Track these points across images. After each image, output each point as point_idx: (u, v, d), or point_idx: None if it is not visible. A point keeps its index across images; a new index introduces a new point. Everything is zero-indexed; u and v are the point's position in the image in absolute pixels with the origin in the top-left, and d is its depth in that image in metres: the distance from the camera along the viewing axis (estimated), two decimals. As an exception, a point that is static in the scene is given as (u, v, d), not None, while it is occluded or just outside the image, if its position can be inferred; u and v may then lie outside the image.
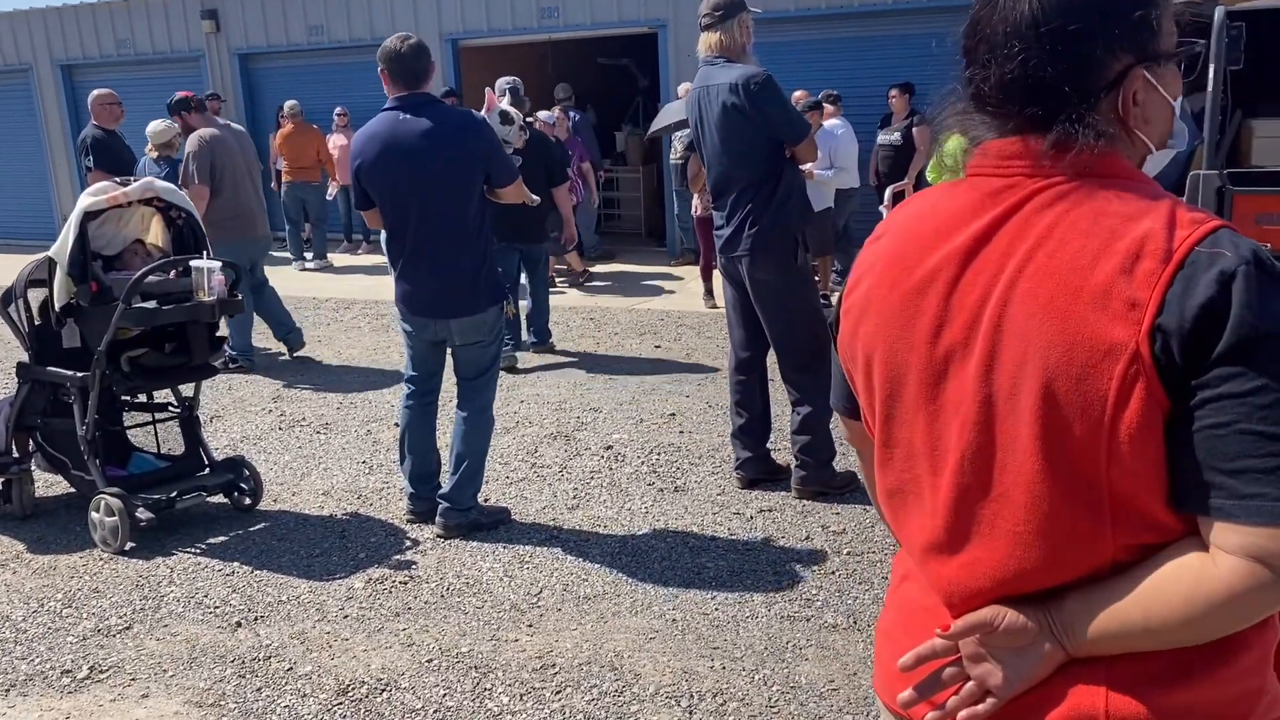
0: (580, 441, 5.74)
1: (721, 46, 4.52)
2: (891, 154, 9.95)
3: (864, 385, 1.30)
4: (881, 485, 1.31)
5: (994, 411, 1.13)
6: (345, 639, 3.67)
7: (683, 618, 3.72)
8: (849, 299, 1.30)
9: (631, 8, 12.40)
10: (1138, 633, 1.09)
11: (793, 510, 4.64)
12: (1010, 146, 1.17)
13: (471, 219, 4.22)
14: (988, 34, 1.18)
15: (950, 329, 1.16)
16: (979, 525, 1.16)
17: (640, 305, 9.71)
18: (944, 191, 1.24)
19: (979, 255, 1.15)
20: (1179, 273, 1.03)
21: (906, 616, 1.31)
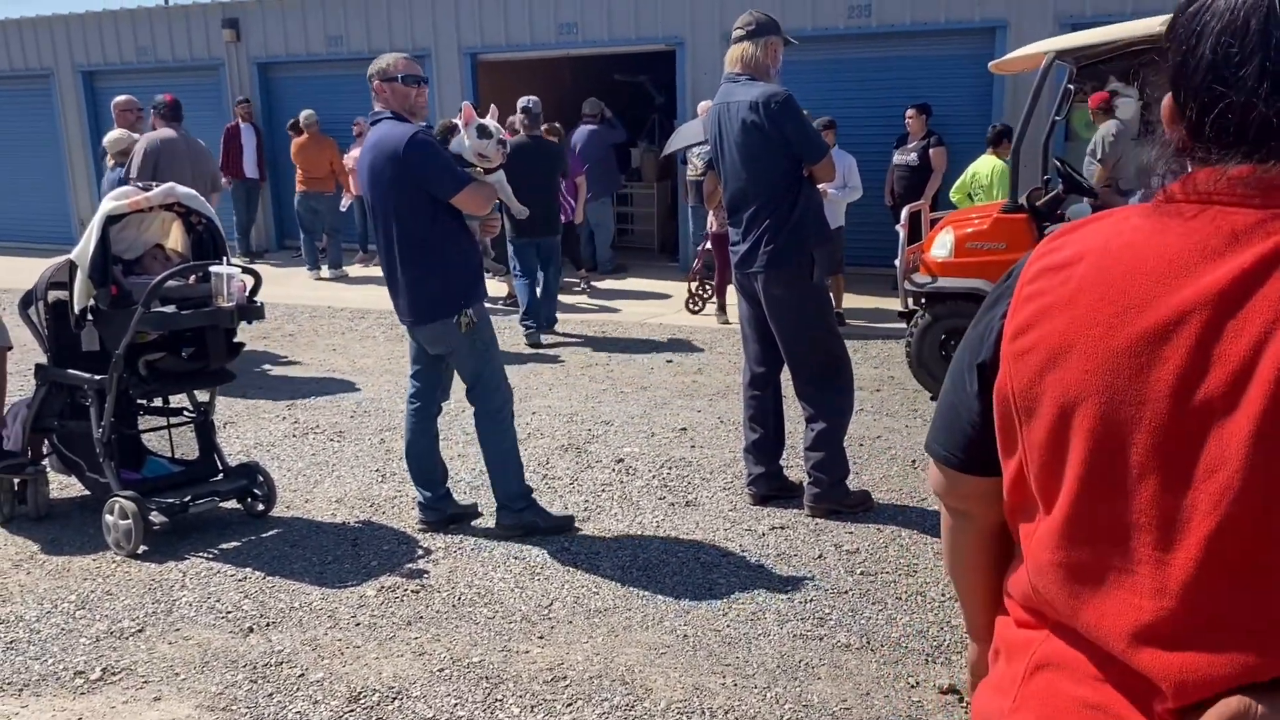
0: (592, 454, 5.74)
1: (745, 62, 4.55)
2: (908, 174, 9.96)
3: (1046, 441, 1.11)
4: (1058, 557, 1.13)
5: (1273, 476, 0.96)
6: (357, 646, 3.67)
7: (694, 633, 3.71)
8: (1029, 336, 1.12)
9: (650, 25, 12.46)
10: None
11: (805, 528, 4.63)
12: (1272, 176, 1.01)
13: (420, 232, 4.24)
14: (1253, 50, 1.01)
15: (1208, 380, 1.00)
16: (1228, 607, 1.00)
17: (653, 319, 9.72)
18: (1154, 218, 1.08)
19: (1247, 298, 0.99)
20: None
21: (1063, 714, 1.13)
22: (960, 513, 1.35)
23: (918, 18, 10.99)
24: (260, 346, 8.79)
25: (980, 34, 10.79)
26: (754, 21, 4.54)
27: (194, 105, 15.58)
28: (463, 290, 4.35)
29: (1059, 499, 1.11)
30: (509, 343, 8.64)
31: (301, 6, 14.50)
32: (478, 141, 4.48)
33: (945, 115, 10.42)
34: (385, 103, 4.35)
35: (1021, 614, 1.23)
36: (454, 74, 13.68)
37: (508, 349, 8.36)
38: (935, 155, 9.85)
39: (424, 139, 4.23)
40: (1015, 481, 1.19)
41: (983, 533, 1.34)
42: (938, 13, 10.90)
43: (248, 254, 13.72)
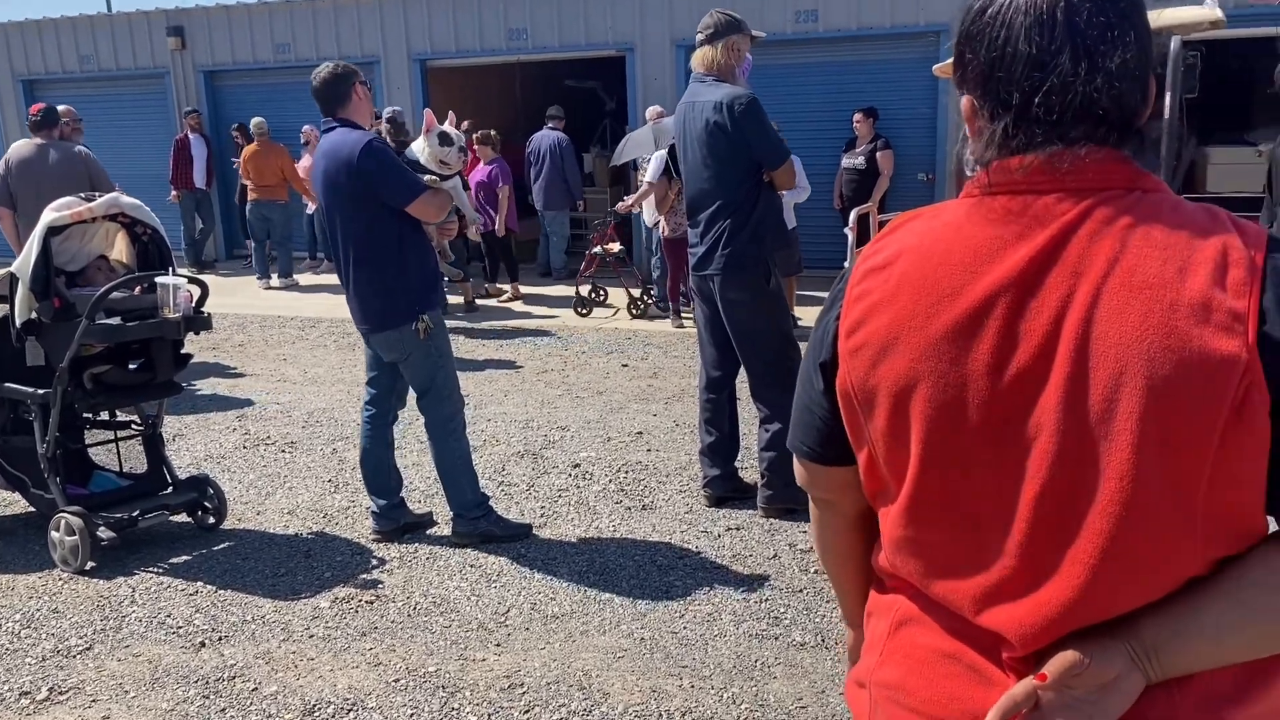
0: (548, 460, 5.73)
1: (709, 64, 4.57)
2: (856, 178, 10.07)
3: (888, 428, 1.18)
4: (907, 533, 1.21)
5: (1083, 438, 1.06)
6: (311, 659, 3.64)
7: (651, 636, 3.72)
8: (860, 334, 1.19)
9: (600, 31, 12.48)
10: (1236, 647, 1.08)
11: (760, 529, 4.65)
12: (1053, 162, 1.11)
13: (376, 239, 4.23)
14: (1015, 42, 1.11)
15: (1019, 355, 1.09)
16: (1058, 560, 1.09)
17: (607, 324, 9.73)
18: (959, 211, 1.17)
19: (1044, 276, 1.08)
20: (1266, 281, 1.03)
21: (921, 664, 1.23)
22: (825, 503, 1.42)
23: (863, 22, 11.12)
24: (210, 358, 8.68)
25: (924, 38, 10.93)
26: (713, 24, 4.55)
27: (139, 114, 15.42)
28: (419, 296, 4.33)
29: (905, 480, 1.19)
30: (463, 350, 8.61)
31: (248, 14, 14.34)
32: (439, 149, 4.47)
33: (892, 119, 10.55)
34: (355, 109, 4.32)
35: (886, 579, 1.32)
36: (403, 81, 13.60)
37: (461, 356, 8.33)
38: (883, 158, 9.97)
39: (379, 146, 4.22)
40: (869, 469, 1.26)
41: (847, 520, 1.40)
42: (883, 17, 11.03)
43: (196, 264, 13.54)
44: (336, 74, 4.30)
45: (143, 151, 14.90)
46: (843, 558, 1.46)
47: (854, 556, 1.44)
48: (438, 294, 4.46)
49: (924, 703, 1.22)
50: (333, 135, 4.27)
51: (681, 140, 4.72)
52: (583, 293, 10.20)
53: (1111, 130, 1.11)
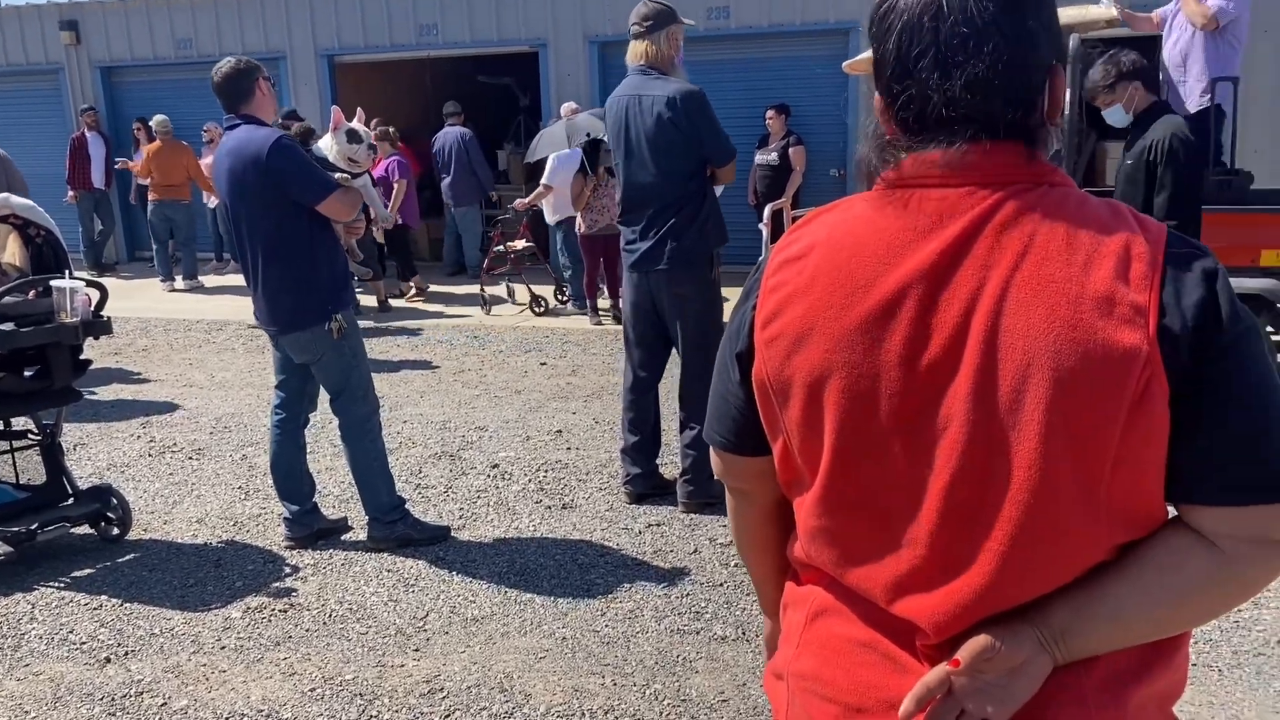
0: (466, 461, 5.67)
1: (650, 57, 4.52)
2: (770, 174, 10.17)
3: (802, 418, 1.19)
4: (822, 523, 1.22)
5: (992, 428, 1.08)
6: (223, 671, 3.54)
7: (573, 635, 3.70)
8: (775, 325, 1.20)
9: (512, 27, 12.39)
10: (1139, 629, 1.11)
11: (681, 524, 4.66)
12: (961, 156, 1.12)
13: (284, 238, 4.13)
14: (914, 41, 1.13)
15: (930, 347, 1.10)
16: (968, 549, 1.11)
17: (525, 323, 9.67)
18: (873, 204, 1.18)
19: (955, 268, 1.10)
20: (1166, 274, 1.06)
21: (837, 654, 1.24)
22: (741, 492, 1.42)
23: (775, 20, 11.23)
24: (112, 363, 8.39)
25: (835, 35, 11.08)
26: (651, 15, 4.48)
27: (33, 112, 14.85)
28: (330, 296, 4.24)
29: (819, 469, 1.20)
30: (377, 350, 8.47)
31: (146, 7, 13.90)
32: (347, 146, 4.38)
33: (804, 115, 10.67)
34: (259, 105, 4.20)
35: (802, 570, 1.33)
36: (310, 77, 13.34)
37: (375, 357, 8.19)
38: (795, 155, 10.09)
39: (288, 144, 4.12)
40: (783, 458, 1.27)
41: (763, 511, 1.41)
42: (794, 14, 11.15)
43: (96, 266, 13.08)
44: (239, 69, 4.18)
45: (38, 151, 14.32)
46: (759, 548, 1.47)
47: (770, 547, 1.45)
48: (349, 293, 4.37)
49: (841, 692, 1.23)
50: (237, 132, 4.15)
51: (622, 134, 4.60)
52: (488, 291, 10.13)
53: (1006, 128, 1.12)
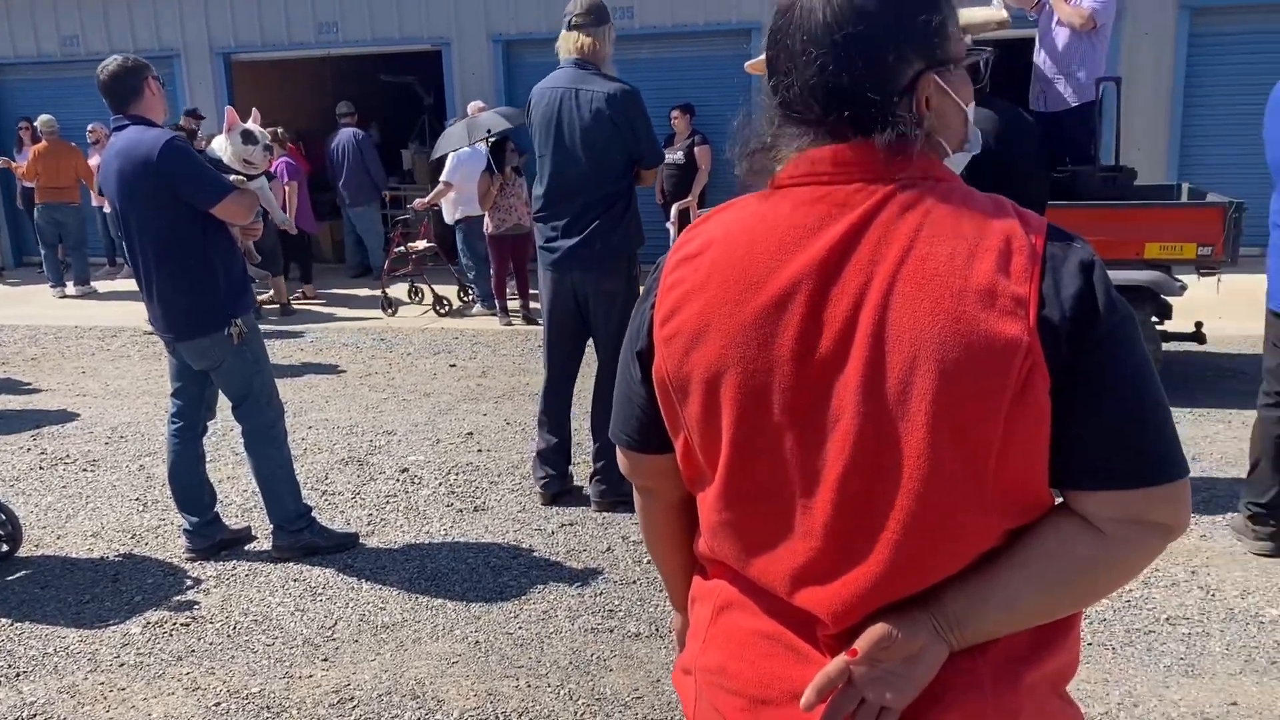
0: (374, 466, 5.58)
1: (588, 51, 4.47)
2: (676, 173, 10.22)
3: (701, 414, 1.21)
4: (724, 517, 1.24)
5: (882, 420, 1.10)
6: (122, 689, 3.42)
7: (486, 639, 3.67)
8: (673, 322, 1.21)
9: (414, 25, 12.23)
10: (1030, 612, 1.14)
11: (593, 523, 4.66)
12: (848, 153, 1.16)
13: (178, 242, 4.01)
14: (787, 44, 1.19)
15: (821, 342, 1.12)
16: (863, 539, 1.14)
17: (434, 324, 9.56)
18: (766, 203, 1.21)
19: (843, 264, 1.12)
20: (1045, 266, 1.09)
21: (742, 647, 1.26)
22: (647, 490, 1.44)
23: (679, 19, 11.29)
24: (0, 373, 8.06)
25: (738, 35, 11.20)
26: (592, 8, 4.43)
27: (-94, 111, 14.13)
28: (229, 300, 4.12)
29: (719, 465, 1.22)
30: (281, 355, 8.29)
31: (31, 3, 13.35)
32: (243, 147, 4.27)
33: (709, 115, 10.75)
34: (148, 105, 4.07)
35: (709, 565, 1.34)
36: (205, 76, 12.97)
37: (278, 361, 8.02)
38: (700, 154, 10.16)
39: (180, 145, 3.99)
40: (685, 455, 1.28)
41: (670, 507, 1.43)
42: (697, 14, 11.24)
43: (-21, 273, 12.54)
44: (126, 68, 4.05)
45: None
46: (667, 544, 1.48)
47: (678, 543, 1.46)
48: (249, 297, 4.26)
49: (746, 684, 1.24)
50: (127, 133, 4.02)
51: (553, 127, 4.49)
52: (389, 292, 10.00)
53: (885, 127, 1.15)
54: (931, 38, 1.16)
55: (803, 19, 1.17)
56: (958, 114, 1.22)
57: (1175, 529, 1.13)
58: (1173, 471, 1.11)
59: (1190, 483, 1.14)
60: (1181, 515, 1.13)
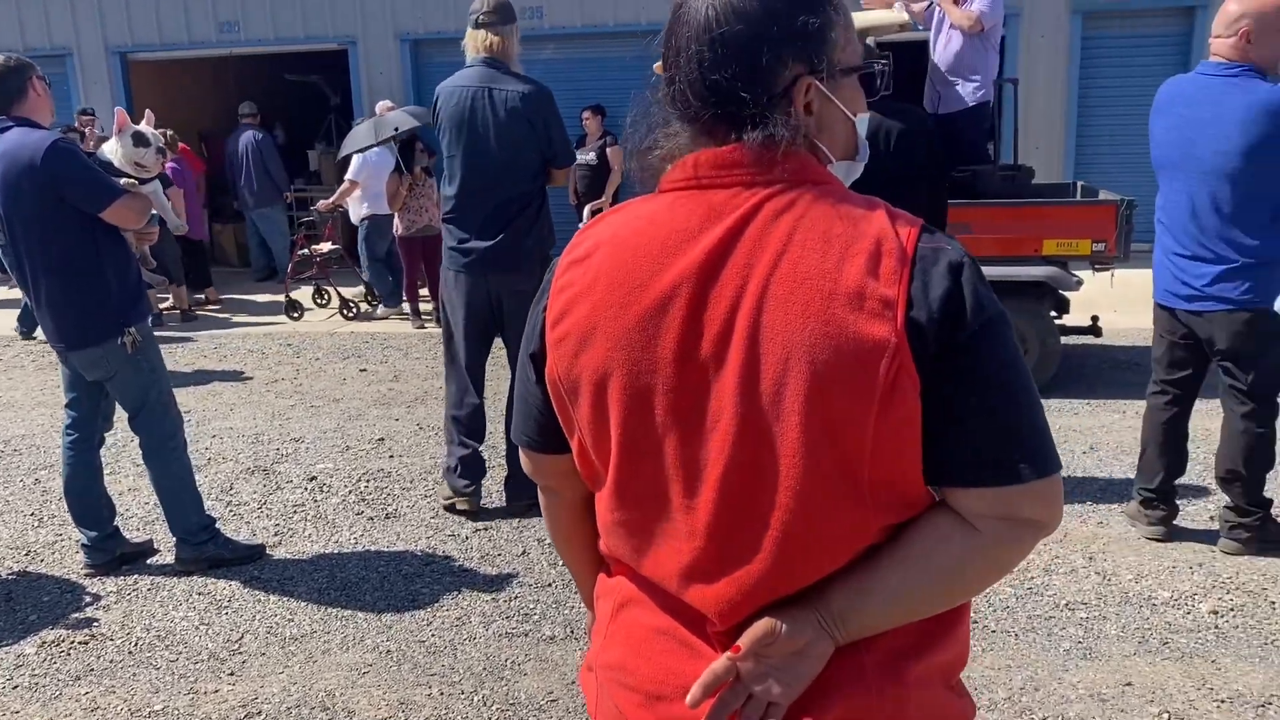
0: (281, 474, 5.46)
1: (497, 50, 4.40)
2: (589, 174, 10.21)
3: (592, 415, 1.22)
4: (616, 517, 1.26)
5: (758, 421, 1.12)
6: (16, 712, 3.29)
7: (397, 648, 3.62)
8: (563, 325, 1.22)
9: (318, 24, 12.02)
10: (910, 607, 1.16)
11: (508, 527, 4.63)
12: (725, 156, 1.17)
13: (68, 248, 3.88)
14: (674, 42, 1.20)
15: (701, 344, 1.14)
16: (744, 537, 1.15)
17: (343, 328, 9.39)
18: (653, 205, 1.22)
19: (721, 267, 1.14)
20: (915, 268, 1.10)
21: (640, 643, 1.27)
22: (551, 490, 1.44)
23: (588, 20, 11.30)
24: (-120, 387, 7.69)
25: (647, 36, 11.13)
26: (498, 7, 4.36)
27: None
28: (123, 308, 3.99)
29: (610, 465, 1.24)
30: (183, 362, 8.07)
31: (-93, -2, 12.79)
32: (134, 150, 4.14)
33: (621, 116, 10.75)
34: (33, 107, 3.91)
35: (612, 562, 1.36)
36: (101, 75, 12.56)
37: (180, 369, 7.81)
38: (613, 154, 10.17)
39: (66, 147, 3.86)
40: (581, 455, 1.29)
41: (572, 506, 1.43)
42: (606, 15, 11.26)
43: None
44: (9, 67, 3.90)
45: None
46: (573, 543, 1.48)
47: (584, 542, 1.46)
48: (144, 304, 4.13)
49: (643, 681, 1.25)
50: (10, 136, 3.86)
51: (465, 126, 4.40)
52: (295, 296, 9.81)
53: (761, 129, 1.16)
54: (811, 43, 1.17)
55: (689, 17, 1.19)
56: (843, 122, 1.23)
57: (1047, 525, 1.15)
58: (1042, 469, 1.12)
59: (1062, 479, 1.16)
60: (1052, 512, 1.15)
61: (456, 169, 4.49)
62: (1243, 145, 3.69)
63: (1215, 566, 3.97)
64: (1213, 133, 3.76)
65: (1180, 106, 3.93)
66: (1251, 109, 3.67)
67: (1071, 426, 5.73)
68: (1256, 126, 3.67)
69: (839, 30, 1.19)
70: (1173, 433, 4.18)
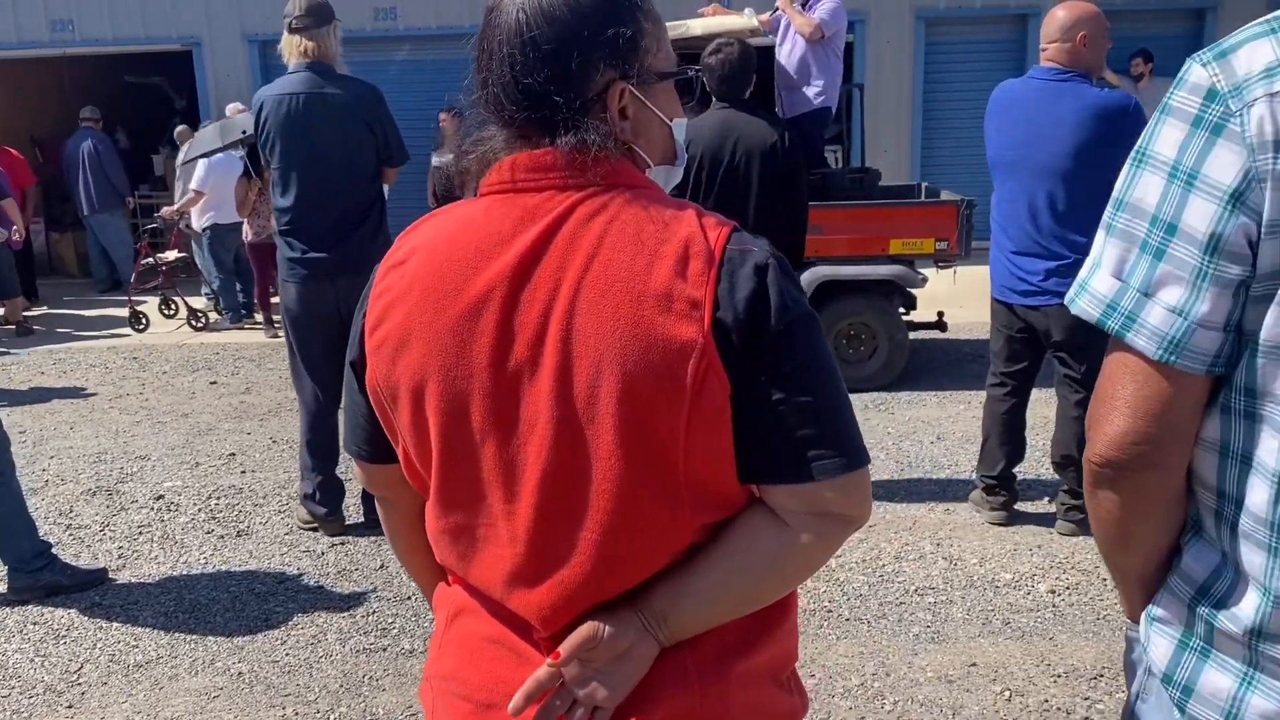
0: (125, 495, 5.22)
1: (318, 53, 4.27)
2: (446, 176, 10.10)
3: (412, 422, 1.21)
4: (440, 525, 1.24)
5: (573, 425, 1.12)
6: None
7: (250, 669, 3.50)
8: (381, 331, 1.21)
9: (160, 24, 11.54)
10: (728, 605, 1.17)
11: (366, 541, 4.53)
12: (539, 159, 1.17)
13: None
14: (486, 45, 1.20)
15: (515, 348, 1.13)
16: (564, 542, 1.15)
17: (191, 339, 9.04)
18: (470, 209, 1.21)
19: (533, 271, 1.14)
20: (722, 270, 1.11)
21: (473, 652, 1.27)
22: (385, 500, 1.42)
23: (443, 21, 11.16)
24: None
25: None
26: (313, 9, 4.23)
27: None
28: None
29: (431, 473, 1.22)
30: (17, 379, 7.64)
31: None
32: None
33: (480, 117, 10.70)
34: None
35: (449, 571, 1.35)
36: (-80, 75, 11.79)
37: (15, 387, 7.39)
38: (473, 156, 10.08)
39: None
40: (407, 464, 1.28)
41: (410, 516, 1.41)
42: (462, 17, 11.14)
43: None
44: None
45: None
46: (416, 553, 1.46)
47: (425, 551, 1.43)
48: None
49: (475, 689, 1.25)
50: None
51: (299, 135, 4.25)
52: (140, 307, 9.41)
53: (573, 133, 1.16)
54: (623, 49, 1.17)
55: (500, 20, 1.18)
56: (660, 127, 1.24)
57: (855, 519, 1.18)
58: (849, 464, 1.14)
59: (868, 472, 1.19)
60: (860, 506, 1.17)
61: (291, 179, 4.32)
62: (1075, 146, 3.89)
63: (1052, 548, 4.18)
64: (1049, 135, 3.96)
65: (1017, 109, 4.11)
66: (1084, 112, 3.88)
67: (920, 418, 5.95)
68: (1088, 129, 3.87)
69: (650, 36, 1.20)
70: (1012, 423, 4.38)
